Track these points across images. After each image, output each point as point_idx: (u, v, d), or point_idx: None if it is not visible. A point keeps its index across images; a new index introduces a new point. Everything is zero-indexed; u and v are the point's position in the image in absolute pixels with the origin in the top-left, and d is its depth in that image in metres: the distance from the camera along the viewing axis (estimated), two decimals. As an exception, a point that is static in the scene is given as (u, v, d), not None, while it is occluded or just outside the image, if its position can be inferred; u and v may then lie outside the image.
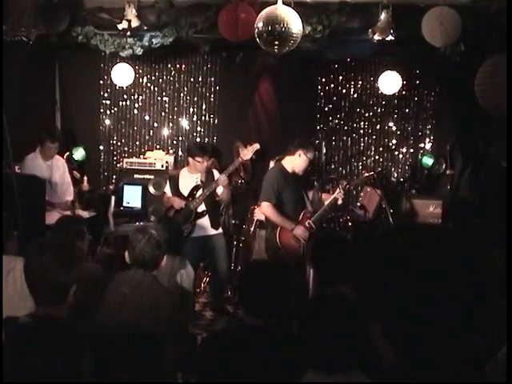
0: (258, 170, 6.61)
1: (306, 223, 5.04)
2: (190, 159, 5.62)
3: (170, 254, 3.57)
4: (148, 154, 7.23)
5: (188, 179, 5.66)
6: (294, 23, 4.80)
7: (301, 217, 5.07)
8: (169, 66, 7.40)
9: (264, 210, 5.07)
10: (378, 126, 7.37)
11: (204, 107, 7.42)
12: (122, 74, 6.83)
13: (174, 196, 5.67)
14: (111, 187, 7.09)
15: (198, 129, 7.49)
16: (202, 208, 5.60)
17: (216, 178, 5.58)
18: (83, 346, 2.03)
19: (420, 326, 1.06)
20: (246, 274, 2.64)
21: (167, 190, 5.80)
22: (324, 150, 6.62)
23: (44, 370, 1.91)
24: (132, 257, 3.00)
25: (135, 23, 5.57)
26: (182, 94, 7.44)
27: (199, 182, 5.60)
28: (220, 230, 5.70)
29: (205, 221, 5.61)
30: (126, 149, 7.56)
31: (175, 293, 3.25)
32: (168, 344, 2.90)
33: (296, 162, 5.14)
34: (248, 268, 2.67)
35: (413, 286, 1.07)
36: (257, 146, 5.83)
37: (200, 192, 5.60)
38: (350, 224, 6.27)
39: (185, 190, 5.63)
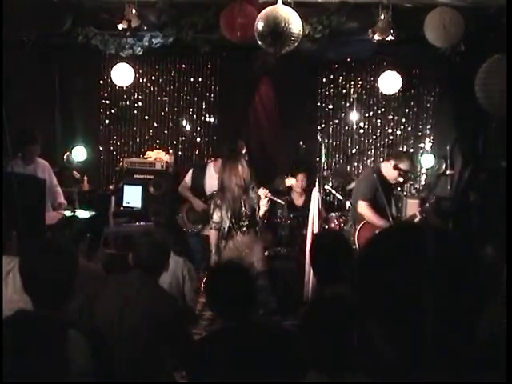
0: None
1: None
2: (223, 159, 5.55)
3: (173, 255, 3.57)
4: (148, 153, 7.23)
5: (213, 179, 5.64)
6: (294, 23, 4.79)
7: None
8: (169, 65, 7.40)
9: (360, 208, 5.30)
10: (378, 126, 7.37)
11: (204, 107, 7.42)
12: (122, 74, 6.83)
13: (193, 190, 5.68)
14: (111, 187, 7.09)
15: (198, 129, 7.49)
16: None
17: None
18: (83, 347, 2.03)
19: (420, 326, 1.06)
20: (211, 276, 2.66)
21: (188, 180, 5.85)
22: (324, 150, 6.62)
23: (37, 370, 1.91)
24: (136, 260, 2.98)
25: (135, 23, 5.57)
26: (181, 94, 7.44)
27: None
28: None
29: None
30: (125, 149, 7.56)
31: (177, 296, 3.24)
32: (169, 347, 2.90)
33: (387, 170, 5.35)
34: (213, 270, 2.68)
35: (412, 286, 1.07)
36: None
37: None
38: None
39: (208, 189, 5.64)
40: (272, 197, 5.13)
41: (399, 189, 7.25)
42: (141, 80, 7.36)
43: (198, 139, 7.45)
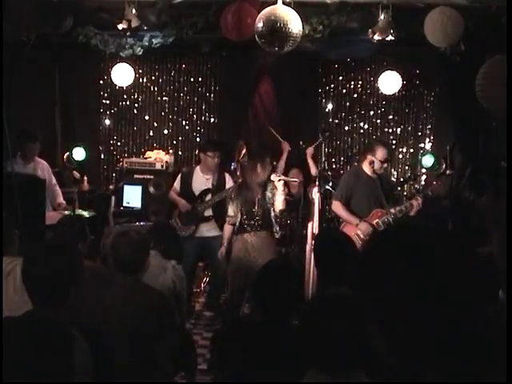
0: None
1: (375, 222, 5.14)
2: (202, 155, 5.65)
3: (164, 257, 3.56)
4: (148, 153, 7.24)
5: (200, 179, 5.67)
6: (294, 23, 4.79)
7: (371, 215, 5.17)
8: (169, 65, 7.41)
9: (333, 207, 5.39)
10: (378, 126, 7.38)
11: (204, 107, 7.44)
12: (122, 74, 6.83)
13: (183, 193, 5.66)
14: (111, 187, 7.09)
15: (198, 129, 7.51)
16: (209, 213, 5.61)
17: (227, 183, 5.61)
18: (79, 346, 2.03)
19: (419, 326, 1.07)
20: (263, 274, 2.65)
21: (177, 184, 5.78)
22: (324, 150, 6.62)
23: (38, 370, 1.91)
24: (113, 260, 2.97)
25: (135, 23, 5.57)
26: (181, 94, 7.45)
27: (210, 186, 5.62)
28: (220, 232, 5.69)
29: (208, 223, 5.64)
30: (126, 149, 7.57)
31: (164, 292, 3.22)
32: (161, 343, 2.89)
33: (369, 167, 5.27)
34: (265, 269, 2.68)
35: (412, 286, 1.07)
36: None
37: (209, 196, 5.60)
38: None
39: (196, 189, 5.65)
40: (285, 178, 5.14)
41: (399, 189, 7.27)
42: (141, 80, 7.37)
43: (198, 139, 7.46)
